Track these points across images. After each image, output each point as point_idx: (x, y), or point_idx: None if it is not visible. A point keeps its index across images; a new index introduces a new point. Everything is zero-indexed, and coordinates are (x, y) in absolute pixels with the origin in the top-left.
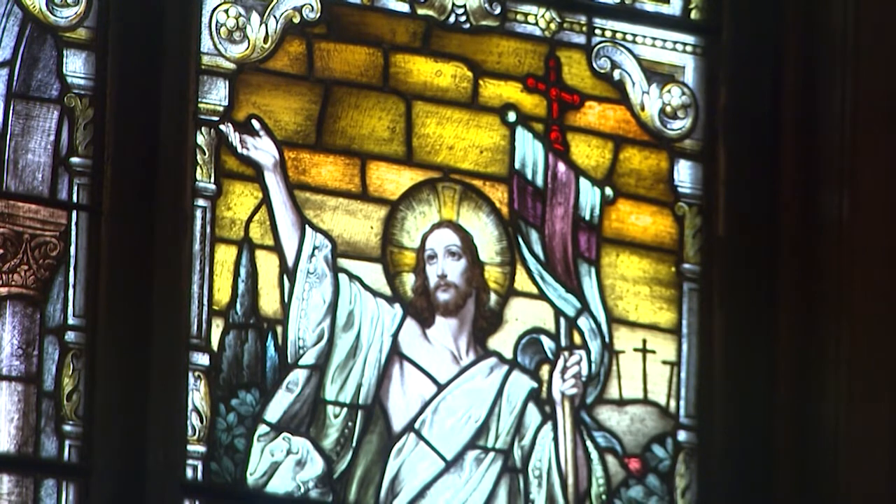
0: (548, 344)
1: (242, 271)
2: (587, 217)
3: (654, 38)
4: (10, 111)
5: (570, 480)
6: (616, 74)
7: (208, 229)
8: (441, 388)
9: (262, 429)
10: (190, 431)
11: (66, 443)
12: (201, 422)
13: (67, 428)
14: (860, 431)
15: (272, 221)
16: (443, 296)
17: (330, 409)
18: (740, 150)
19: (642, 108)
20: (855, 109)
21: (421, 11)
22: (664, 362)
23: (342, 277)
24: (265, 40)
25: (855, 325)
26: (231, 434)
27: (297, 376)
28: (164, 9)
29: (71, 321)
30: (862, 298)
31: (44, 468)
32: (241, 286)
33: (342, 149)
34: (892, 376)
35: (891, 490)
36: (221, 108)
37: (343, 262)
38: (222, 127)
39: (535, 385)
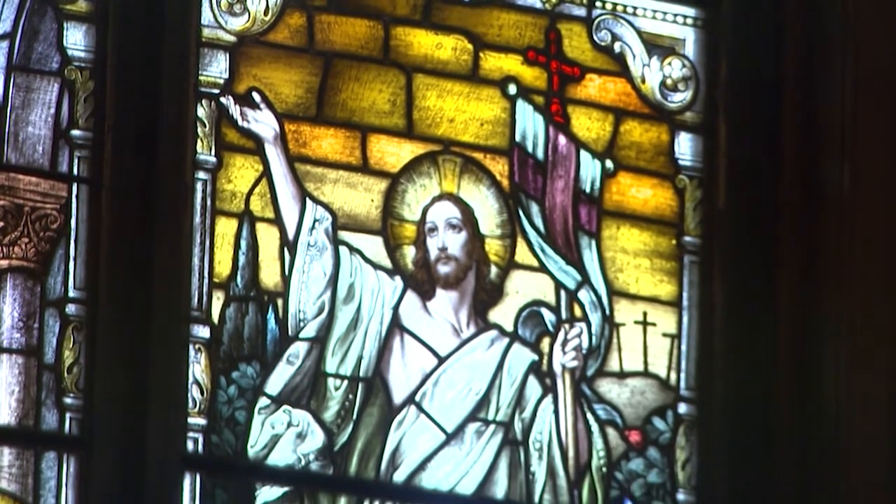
0: (548, 316)
1: (243, 244)
2: (588, 190)
3: (655, 11)
4: (11, 84)
5: (571, 453)
6: (616, 47)
7: (209, 202)
8: (442, 360)
9: (263, 401)
10: (190, 404)
11: (67, 415)
12: (202, 394)
13: (68, 401)
14: (860, 403)
15: (273, 194)
16: (443, 268)
17: (330, 381)
18: (741, 123)
19: (643, 81)
20: (856, 82)
21: None
22: (665, 335)
23: (343, 250)
24: (265, 13)
25: (855, 296)
26: (232, 407)
27: (298, 349)
28: None
29: (71, 294)
30: (862, 270)
31: (44, 441)
32: (242, 259)
33: (343, 121)
34: (892, 348)
35: (891, 461)
36: (222, 81)
37: (343, 235)
38: (223, 100)
39: (536, 358)
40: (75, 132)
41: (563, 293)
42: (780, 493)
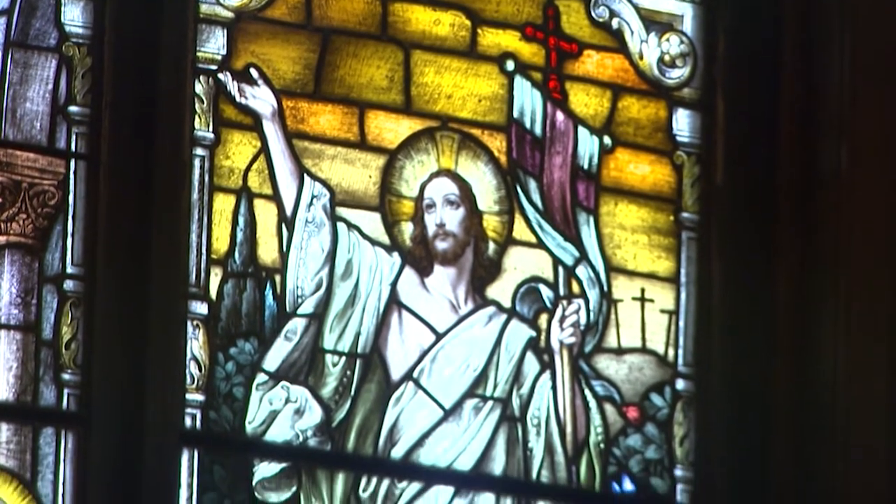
0: (546, 293)
1: (241, 220)
2: (585, 166)
3: None
4: (8, 60)
5: (569, 429)
6: (614, 23)
7: (206, 178)
8: (439, 336)
9: (261, 378)
10: (188, 380)
11: (65, 391)
12: (200, 370)
13: (66, 377)
14: (859, 379)
15: (270, 170)
16: (441, 245)
17: (328, 357)
18: (739, 99)
19: (641, 57)
20: (854, 59)
21: None
22: (662, 311)
23: (341, 226)
24: None
25: (853, 273)
26: (230, 383)
27: (296, 325)
28: None
29: (69, 270)
30: (860, 247)
31: (42, 417)
32: (240, 235)
33: (340, 98)
34: (891, 325)
35: (890, 437)
36: (220, 57)
37: (341, 211)
38: (220, 76)
39: (534, 334)
40: (73, 108)
41: (560, 269)
42: (777, 468)
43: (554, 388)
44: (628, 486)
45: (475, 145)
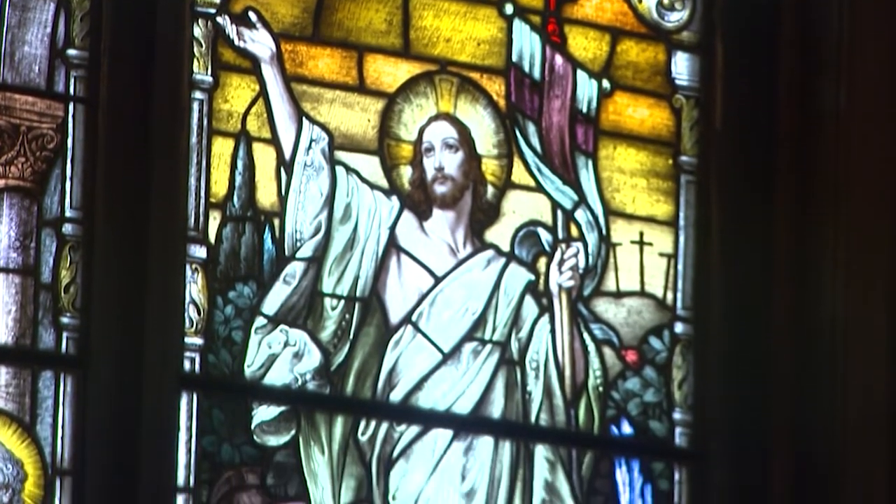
0: (545, 236)
1: (239, 164)
2: (584, 109)
3: None
4: (7, 3)
5: (567, 372)
6: None
7: (205, 122)
8: (438, 280)
9: (260, 321)
10: (187, 324)
11: (64, 335)
12: (199, 314)
13: (65, 320)
14: (857, 322)
15: (269, 114)
16: (440, 188)
17: (327, 301)
18: (738, 42)
19: (639, 0)
20: (852, 2)
21: None
22: (661, 254)
23: (339, 170)
24: None
25: (852, 215)
26: (228, 326)
27: (295, 269)
28: None
29: (68, 213)
30: (859, 189)
31: (41, 360)
32: (239, 179)
33: (339, 41)
34: (889, 266)
35: (889, 381)
36: (218, 1)
37: (340, 155)
38: (219, 19)
39: (533, 277)
40: (71, 52)
41: (559, 213)
42: (775, 411)
43: (553, 331)
44: (627, 429)
45: (474, 89)
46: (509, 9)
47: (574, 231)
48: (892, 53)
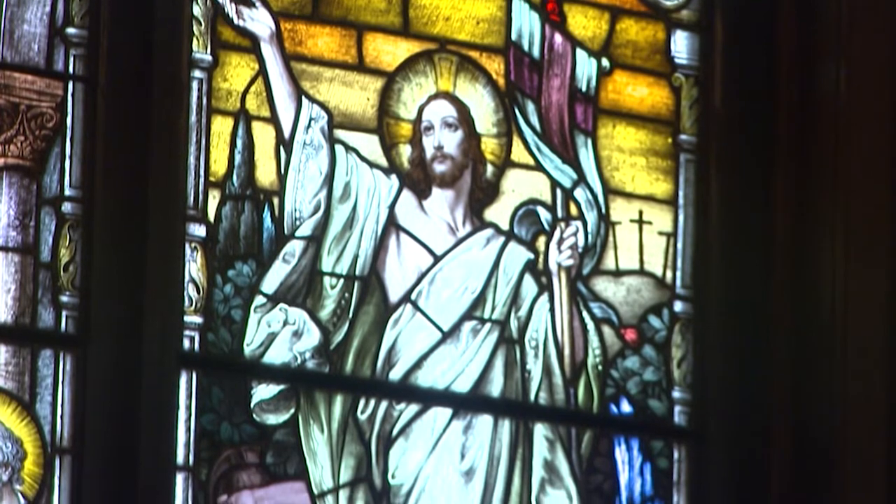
0: (544, 215)
1: (239, 142)
2: (584, 88)
3: None
4: None
5: (567, 351)
6: None
7: (205, 101)
8: (437, 259)
9: (259, 300)
10: (187, 302)
11: (63, 313)
12: (198, 293)
13: (64, 299)
14: (857, 300)
15: (268, 93)
16: (439, 167)
17: (326, 280)
18: (737, 21)
19: None
20: None
21: None
22: (660, 233)
23: (339, 149)
24: None
25: (851, 194)
26: (228, 305)
27: (294, 247)
28: None
29: (68, 192)
30: (858, 168)
31: (41, 339)
32: (238, 157)
33: (339, 20)
34: (888, 245)
35: (888, 359)
36: None
37: (339, 134)
38: None
39: (532, 256)
40: (71, 30)
41: (559, 192)
42: (775, 390)
43: (552, 310)
44: (626, 407)
45: (473, 67)
46: None
47: (573, 210)
48: (891, 31)
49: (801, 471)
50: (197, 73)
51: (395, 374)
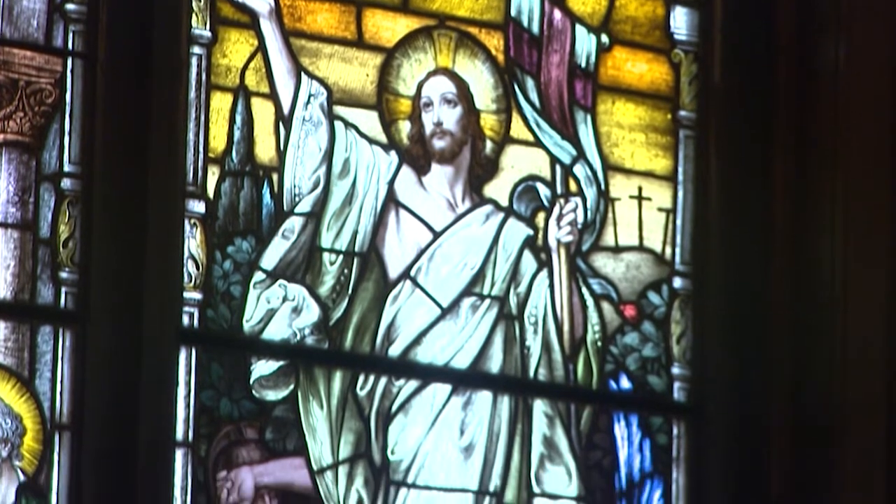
0: (543, 191)
1: (238, 119)
2: (583, 64)
3: None
4: None
5: (566, 327)
6: None
7: (204, 77)
8: (437, 235)
9: (258, 276)
10: (186, 278)
11: (63, 290)
12: (197, 269)
13: (64, 275)
14: (856, 276)
15: (268, 69)
16: (439, 143)
17: (326, 256)
18: None
19: None
20: None
21: None
22: (660, 209)
23: (338, 125)
24: None
25: (850, 170)
26: (227, 281)
27: (293, 223)
28: None
29: (67, 168)
30: (857, 145)
31: (40, 315)
32: (237, 133)
33: None
34: (888, 221)
35: (887, 336)
36: None
37: (339, 110)
38: None
39: (531, 232)
40: (70, 6)
41: (558, 168)
42: (774, 366)
43: (551, 286)
44: (625, 383)
45: (473, 44)
46: None
47: (573, 186)
48: (890, 8)
49: (800, 445)
50: (196, 50)
51: (395, 350)
